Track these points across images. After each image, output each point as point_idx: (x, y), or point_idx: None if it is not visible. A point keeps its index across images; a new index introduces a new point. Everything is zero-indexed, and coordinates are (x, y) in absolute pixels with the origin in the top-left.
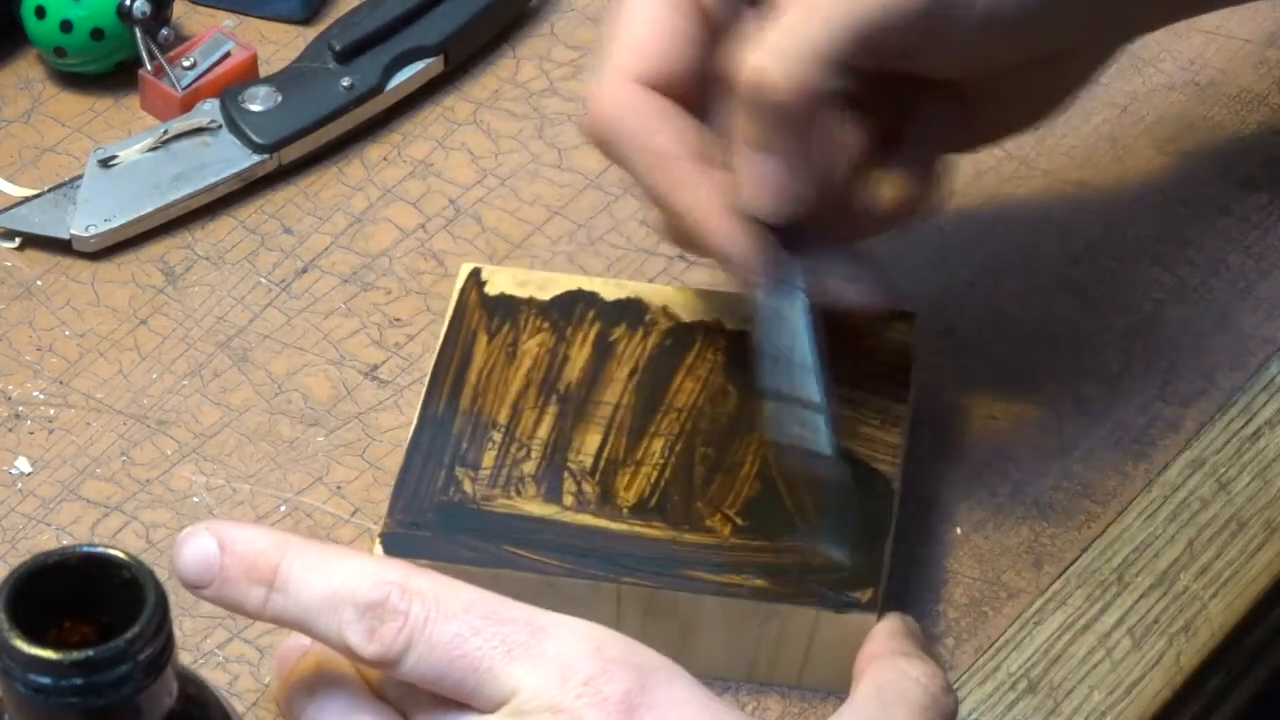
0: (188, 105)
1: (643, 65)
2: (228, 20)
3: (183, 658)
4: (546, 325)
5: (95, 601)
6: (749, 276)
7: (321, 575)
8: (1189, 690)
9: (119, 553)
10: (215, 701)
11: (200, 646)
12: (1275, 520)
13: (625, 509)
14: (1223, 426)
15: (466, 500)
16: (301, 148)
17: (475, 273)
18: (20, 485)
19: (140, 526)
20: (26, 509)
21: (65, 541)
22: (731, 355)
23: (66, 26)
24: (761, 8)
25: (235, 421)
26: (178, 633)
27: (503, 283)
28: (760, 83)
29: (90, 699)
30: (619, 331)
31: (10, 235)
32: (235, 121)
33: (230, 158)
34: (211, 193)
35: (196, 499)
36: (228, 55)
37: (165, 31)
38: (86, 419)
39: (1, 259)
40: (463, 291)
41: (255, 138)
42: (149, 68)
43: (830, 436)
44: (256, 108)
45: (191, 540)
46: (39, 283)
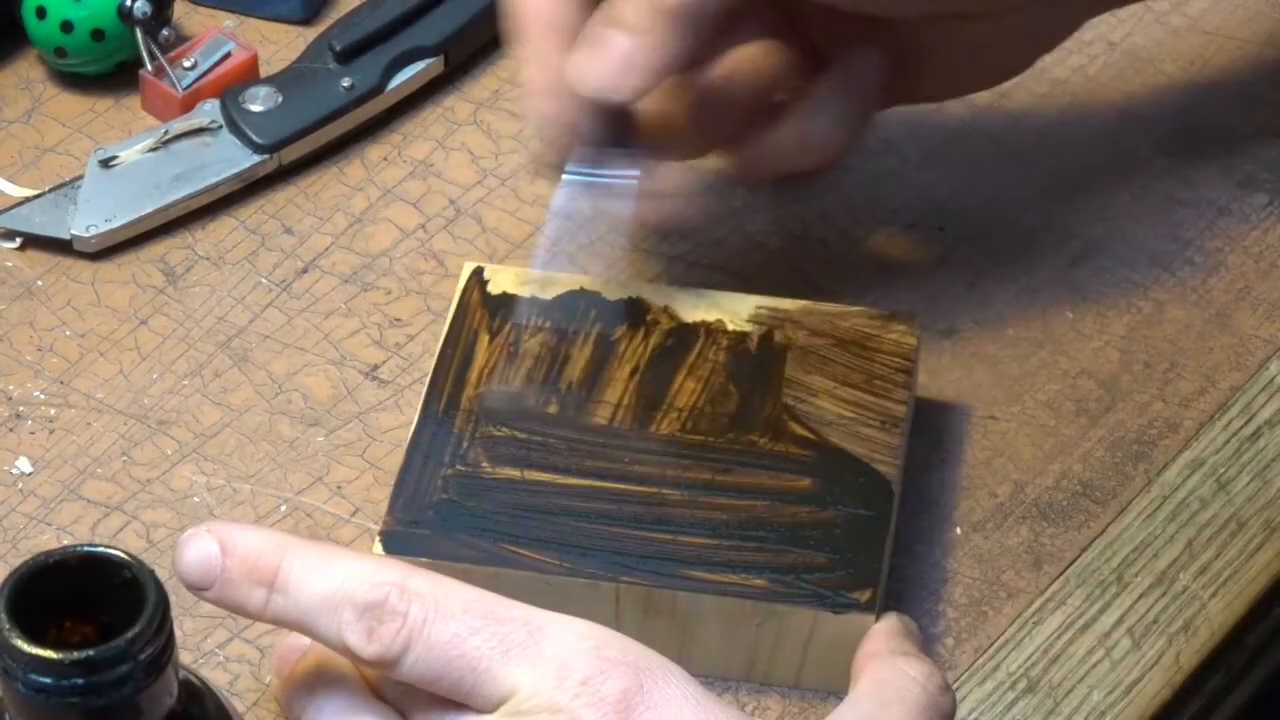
0: (188, 105)
1: None
2: (228, 20)
3: (183, 657)
4: (548, 325)
5: (96, 601)
6: (582, 173)
7: (321, 576)
8: (1188, 690)
9: (119, 553)
10: (215, 701)
11: (200, 646)
12: (1275, 520)
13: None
14: (1222, 426)
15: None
16: (302, 148)
17: (478, 272)
18: (21, 485)
19: (141, 526)
20: (27, 509)
21: (66, 541)
22: (732, 355)
23: (67, 27)
24: None
25: (236, 421)
26: (178, 632)
27: (505, 282)
28: None
29: (91, 699)
30: (620, 331)
31: (11, 235)
32: (236, 122)
33: (231, 158)
34: (212, 193)
35: (197, 499)
36: (228, 55)
37: (166, 32)
38: (87, 419)
39: (2, 259)
40: (465, 290)
41: (256, 138)
42: (149, 68)
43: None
44: (257, 108)
45: (193, 542)
46: (39, 283)
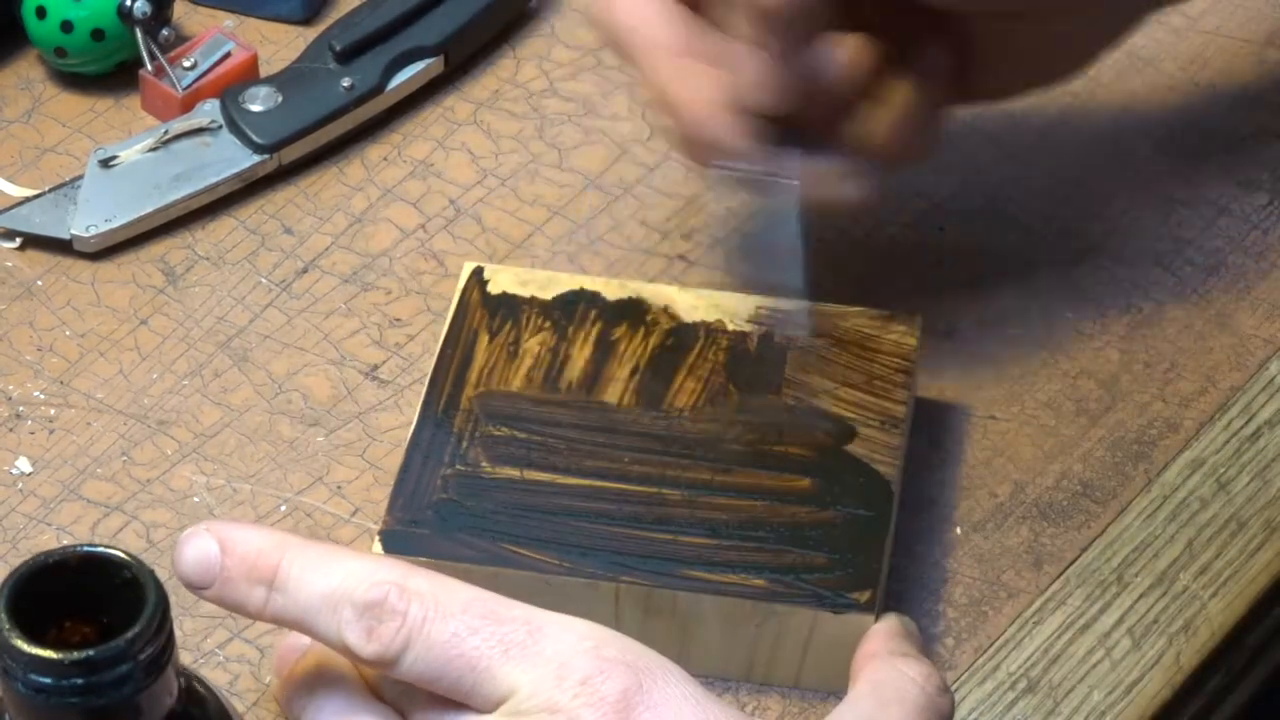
0: (188, 105)
1: None
2: (228, 20)
3: (183, 657)
4: (548, 324)
5: (95, 601)
6: (743, 169)
7: (321, 575)
8: (1189, 690)
9: (119, 552)
10: (215, 701)
11: (200, 646)
12: (1275, 520)
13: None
14: (1222, 426)
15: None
16: (302, 148)
17: (478, 271)
18: (21, 485)
19: (141, 526)
20: (27, 509)
21: (66, 541)
22: (732, 355)
23: (67, 27)
24: None
25: (235, 421)
26: (178, 632)
27: (505, 282)
28: None
29: (91, 699)
30: (620, 331)
31: (11, 235)
32: (235, 122)
33: (231, 158)
34: (212, 193)
35: (197, 499)
36: (228, 55)
37: (166, 32)
38: (87, 419)
39: (2, 259)
40: (465, 290)
41: (255, 138)
42: (149, 68)
43: (811, 321)
44: (257, 108)
45: (192, 541)
46: (39, 283)
